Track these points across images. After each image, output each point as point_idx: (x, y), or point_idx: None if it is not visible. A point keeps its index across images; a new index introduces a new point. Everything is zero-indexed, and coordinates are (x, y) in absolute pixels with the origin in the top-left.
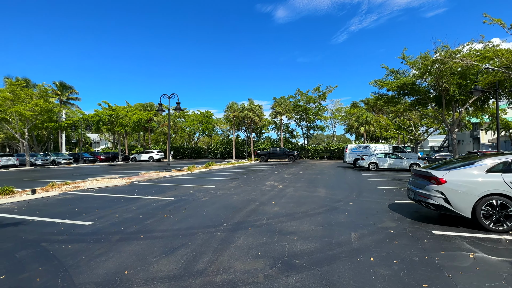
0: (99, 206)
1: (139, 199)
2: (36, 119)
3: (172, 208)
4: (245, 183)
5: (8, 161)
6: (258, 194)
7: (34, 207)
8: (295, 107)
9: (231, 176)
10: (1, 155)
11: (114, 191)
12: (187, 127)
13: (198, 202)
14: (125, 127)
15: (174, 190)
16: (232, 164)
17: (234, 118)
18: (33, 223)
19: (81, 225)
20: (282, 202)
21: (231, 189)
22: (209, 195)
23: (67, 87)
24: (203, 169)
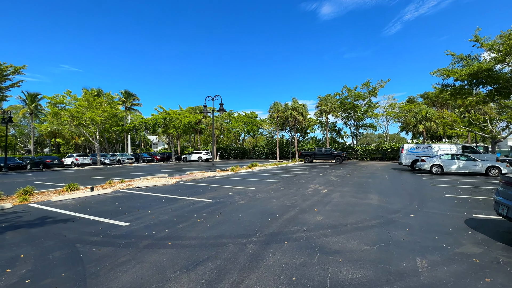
0: (141, 206)
1: (179, 200)
2: (105, 124)
3: (208, 211)
4: (286, 185)
5: (84, 160)
6: (300, 199)
7: (87, 204)
8: (342, 105)
9: (273, 178)
10: (79, 155)
11: (160, 190)
12: (233, 128)
13: (234, 206)
14: (177, 129)
15: (214, 192)
16: (275, 165)
17: (278, 118)
18: (80, 221)
19: (118, 226)
20: (326, 210)
21: (271, 192)
22: (247, 198)
23: (130, 95)
24: (246, 169)
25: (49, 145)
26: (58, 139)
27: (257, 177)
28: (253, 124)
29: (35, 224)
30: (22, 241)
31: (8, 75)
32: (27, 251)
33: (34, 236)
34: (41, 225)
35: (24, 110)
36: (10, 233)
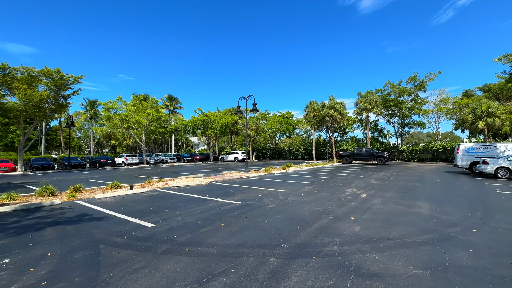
0: (171, 206)
1: (208, 201)
2: (150, 126)
3: (234, 214)
4: (321, 188)
5: (132, 159)
6: (334, 205)
7: (124, 203)
8: (384, 101)
9: (307, 180)
10: (128, 155)
11: (192, 190)
12: (268, 129)
13: (262, 210)
14: (214, 130)
15: (244, 193)
16: (311, 166)
17: (314, 117)
18: (111, 220)
19: (143, 227)
20: (364, 219)
21: (303, 196)
22: (277, 202)
23: (173, 99)
24: (280, 170)
25: (107, 146)
26: (113, 141)
27: (291, 179)
28: (288, 124)
29: (72, 221)
30: (55, 238)
31: (69, 84)
32: (55, 250)
33: (67, 234)
34: (77, 222)
35: (86, 115)
36: (49, 230)
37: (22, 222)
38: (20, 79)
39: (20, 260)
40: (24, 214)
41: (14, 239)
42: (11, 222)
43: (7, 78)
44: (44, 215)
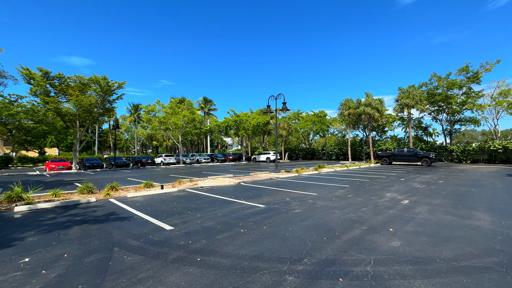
0: (194, 208)
1: (232, 203)
2: (186, 127)
3: (256, 220)
4: (355, 192)
5: (170, 159)
6: (370, 212)
7: (151, 202)
8: (429, 96)
9: (341, 182)
10: (166, 155)
11: (219, 191)
12: (301, 128)
13: (287, 215)
14: (246, 130)
15: (271, 196)
16: (345, 167)
17: (349, 116)
18: (134, 220)
19: (162, 230)
20: (406, 232)
21: (334, 200)
22: (305, 206)
23: (208, 101)
24: (312, 171)
25: (149, 147)
26: (154, 142)
27: (322, 181)
28: (322, 123)
29: (99, 220)
30: (77, 238)
31: (114, 90)
32: (73, 250)
33: (89, 234)
34: (103, 221)
35: (130, 118)
36: (76, 228)
37: (56, 219)
38: (73, 87)
39: (38, 260)
40: (61, 211)
41: (42, 237)
42: (48, 219)
43: (63, 86)
44: (77, 213)
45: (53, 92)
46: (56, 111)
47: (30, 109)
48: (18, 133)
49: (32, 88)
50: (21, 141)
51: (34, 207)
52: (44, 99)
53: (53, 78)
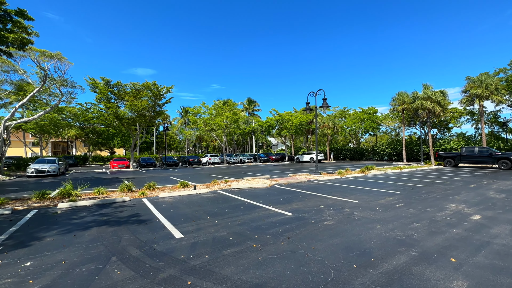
0: (216, 212)
1: (257, 209)
2: (229, 128)
3: (276, 232)
4: (407, 201)
5: (215, 159)
6: (424, 230)
7: (178, 204)
8: (509, 85)
9: (390, 187)
10: (211, 155)
11: (249, 194)
12: (348, 127)
13: (314, 228)
14: (289, 130)
15: (303, 201)
16: (398, 169)
17: (404, 111)
18: (151, 224)
19: (171, 237)
20: (477, 265)
21: (378, 211)
22: (339, 217)
23: (252, 102)
24: (357, 174)
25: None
26: (204, 143)
27: (368, 185)
28: (371, 120)
29: (120, 222)
30: (88, 241)
31: (163, 94)
32: (73, 257)
33: (101, 237)
34: (122, 223)
35: (181, 120)
36: (94, 230)
37: (83, 219)
38: (129, 93)
39: (37, 265)
40: (95, 209)
41: (59, 237)
42: (77, 218)
43: (121, 93)
44: (106, 212)
45: (113, 98)
46: (115, 115)
47: (101, 115)
48: (92, 136)
49: (97, 96)
50: (95, 142)
51: (75, 205)
52: (106, 105)
53: (113, 86)
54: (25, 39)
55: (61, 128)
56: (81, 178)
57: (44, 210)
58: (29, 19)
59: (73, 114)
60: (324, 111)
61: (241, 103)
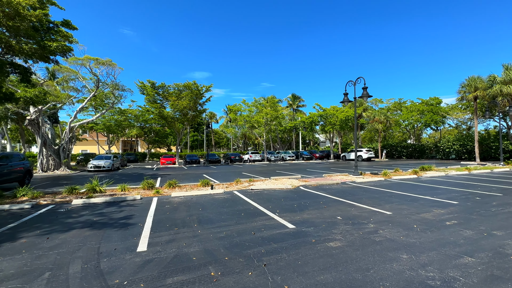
0: (209, 219)
1: (258, 217)
2: (270, 125)
3: (257, 252)
4: (464, 216)
5: (255, 156)
6: (479, 271)
7: (182, 206)
8: None
9: (446, 194)
10: (252, 152)
11: (265, 196)
12: (404, 120)
13: (309, 252)
14: (333, 125)
15: (319, 210)
16: (466, 170)
17: (476, 100)
18: (132, 230)
19: (132, 250)
20: None
21: (415, 229)
22: (354, 237)
23: (296, 97)
24: (408, 175)
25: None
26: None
27: (417, 190)
28: (434, 113)
29: (107, 224)
30: (50, 247)
31: (203, 93)
32: (12, 267)
33: (67, 242)
34: (106, 227)
35: (227, 118)
36: (72, 233)
37: (79, 218)
38: (171, 93)
39: None
40: (101, 207)
41: (32, 240)
42: (74, 216)
43: (165, 94)
44: (105, 212)
45: (158, 99)
46: (159, 115)
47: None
48: (150, 134)
49: (146, 97)
50: (152, 140)
51: (88, 201)
52: (151, 106)
53: (158, 88)
54: (65, 46)
55: (126, 128)
56: (126, 174)
57: (58, 206)
58: (73, 29)
59: (134, 115)
60: (376, 104)
61: (285, 99)
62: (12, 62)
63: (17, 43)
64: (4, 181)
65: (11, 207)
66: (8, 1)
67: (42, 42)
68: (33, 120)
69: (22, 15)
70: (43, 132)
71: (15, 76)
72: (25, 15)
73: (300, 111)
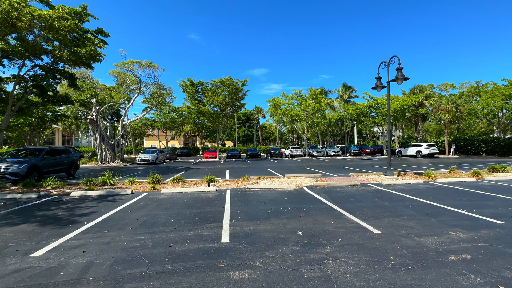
0: (158, 223)
1: (208, 223)
2: (312, 118)
3: (135, 275)
4: (492, 249)
5: (296, 152)
6: None
7: (154, 203)
8: None
9: (496, 208)
10: (293, 147)
11: (254, 197)
12: (484, 108)
13: (203, 282)
14: (385, 117)
15: (292, 219)
16: None
17: None
18: (69, 228)
19: (28, 255)
20: None
21: (387, 264)
22: (287, 263)
23: (348, 88)
24: (465, 177)
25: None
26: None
27: (452, 200)
28: None
29: (62, 219)
30: None
31: (239, 88)
32: None
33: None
34: (57, 221)
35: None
36: (19, 227)
37: (49, 212)
38: (208, 90)
39: None
40: (90, 200)
41: None
42: (54, 209)
43: (204, 91)
44: (81, 206)
45: (197, 96)
46: (198, 111)
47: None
48: (202, 130)
49: (186, 95)
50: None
51: (85, 194)
52: (191, 102)
53: (196, 85)
54: (93, 51)
55: (183, 125)
56: (165, 167)
57: (57, 197)
58: (106, 36)
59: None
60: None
61: (335, 90)
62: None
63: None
64: (50, 172)
65: (21, 196)
66: (39, 15)
67: (73, 49)
68: (93, 119)
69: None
70: (101, 129)
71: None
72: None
73: (353, 102)
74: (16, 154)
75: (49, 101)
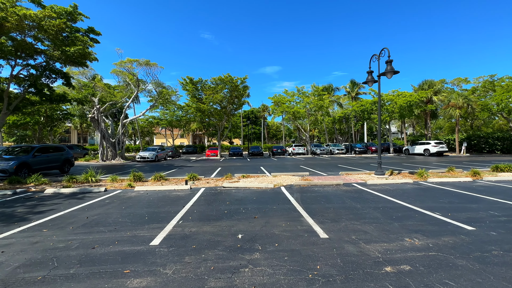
0: (105, 222)
1: (150, 224)
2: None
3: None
4: (440, 261)
5: (298, 150)
6: None
7: (117, 202)
8: None
9: (477, 212)
10: (296, 145)
11: (225, 196)
12: (498, 104)
13: None
14: (390, 113)
15: (243, 220)
16: None
17: None
18: (10, 227)
19: None
20: None
21: (304, 278)
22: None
23: (356, 84)
24: (463, 177)
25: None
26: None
27: (433, 202)
28: None
29: (13, 215)
30: None
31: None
32: None
33: None
34: (4, 220)
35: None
36: None
37: (11, 208)
38: (207, 88)
39: None
40: (58, 198)
41: None
42: (18, 206)
43: (203, 88)
44: (46, 203)
45: (197, 94)
46: (197, 109)
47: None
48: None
49: (187, 92)
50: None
51: (58, 191)
52: (191, 100)
53: (196, 83)
54: (81, 49)
55: (189, 123)
56: (162, 165)
57: (31, 194)
58: (97, 34)
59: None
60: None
61: (343, 87)
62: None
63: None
64: (41, 169)
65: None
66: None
67: (61, 48)
68: (93, 117)
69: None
70: (102, 127)
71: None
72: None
73: (361, 99)
74: (10, 151)
75: (46, 100)
